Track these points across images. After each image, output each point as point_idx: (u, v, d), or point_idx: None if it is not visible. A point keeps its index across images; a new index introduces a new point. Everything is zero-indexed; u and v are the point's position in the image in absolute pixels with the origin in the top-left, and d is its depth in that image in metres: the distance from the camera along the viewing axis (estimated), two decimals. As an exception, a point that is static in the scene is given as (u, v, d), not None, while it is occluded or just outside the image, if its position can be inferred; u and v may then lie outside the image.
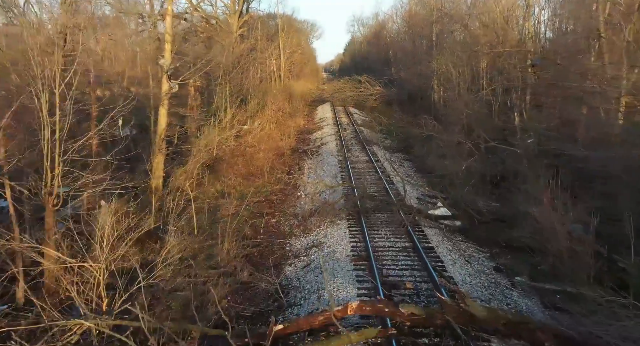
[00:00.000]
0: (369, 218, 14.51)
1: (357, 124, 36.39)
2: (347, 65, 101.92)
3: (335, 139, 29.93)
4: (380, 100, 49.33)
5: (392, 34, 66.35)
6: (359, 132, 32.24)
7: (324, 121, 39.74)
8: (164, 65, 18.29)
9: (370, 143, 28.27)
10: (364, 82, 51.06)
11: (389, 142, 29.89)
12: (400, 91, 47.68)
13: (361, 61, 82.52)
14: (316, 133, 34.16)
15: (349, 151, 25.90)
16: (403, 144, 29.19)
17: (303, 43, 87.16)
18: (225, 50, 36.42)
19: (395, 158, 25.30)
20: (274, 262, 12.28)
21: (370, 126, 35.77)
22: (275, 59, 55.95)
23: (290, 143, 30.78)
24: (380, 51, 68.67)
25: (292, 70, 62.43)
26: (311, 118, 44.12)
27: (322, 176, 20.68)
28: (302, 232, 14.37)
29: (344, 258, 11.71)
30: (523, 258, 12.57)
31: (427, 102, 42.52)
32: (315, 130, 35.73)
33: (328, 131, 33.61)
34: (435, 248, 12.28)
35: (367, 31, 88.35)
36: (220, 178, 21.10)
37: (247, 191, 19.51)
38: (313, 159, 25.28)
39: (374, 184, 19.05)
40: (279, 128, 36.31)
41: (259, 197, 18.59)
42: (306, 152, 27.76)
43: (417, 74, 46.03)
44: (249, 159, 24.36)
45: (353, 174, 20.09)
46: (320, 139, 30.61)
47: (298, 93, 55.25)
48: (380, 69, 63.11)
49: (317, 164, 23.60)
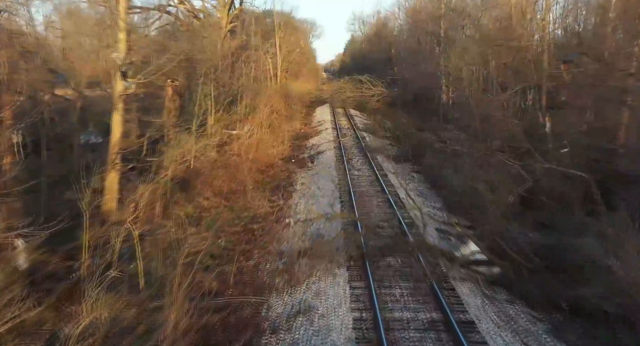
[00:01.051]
0: (377, 266, 10.56)
1: (358, 129, 32.46)
2: (348, 65, 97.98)
3: (334, 146, 26.00)
4: (382, 101, 45.40)
5: (395, 32, 62.40)
6: (360, 138, 28.31)
7: (322, 125, 35.82)
8: (117, 59, 14.38)
9: (374, 152, 24.34)
10: (365, 82, 47.13)
11: (394, 150, 25.94)
12: (405, 91, 43.75)
13: (362, 60, 78.56)
14: (313, 139, 30.23)
15: (350, 161, 21.98)
16: (411, 152, 25.26)
17: (302, 42, 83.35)
18: (211, 46, 32.59)
19: (403, 170, 21.37)
20: (243, 342, 8.35)
21: (373, 131, 31.83)
22: (272, 57, 52.08)
23: (283, 151, 26.86)
24: (382, 50, 64.72)
25: (289, 69, 58.48)
26: (309, 121, 40.21)
27: (317, 196, 16.77)
28: (287, 284, 10.44)
29: (343, 343, 7.79)
30: (601, 332, 8.66)
31: (434, 104, 38.61)
32: (312, 135, 31.80)
33: (326, 136, 29.68)
34: (477, 322, 8.34)
35: (367, 29, 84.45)
36: (195, 197, 17.20)
37: (224, 216, 15.63)
38: (308, 172, 21.35)
39: (381, 209, 15.15)
40: (272, 133, 32.39)
41: (237, 225, 14.66)
42: (300, 162, 23.85)
43: (422, 73, 42.13)
44: (233, 172, 20.44)
45: (355, 196, 16.16)
46: (318, 147, 26.68)
47: (296, 94, 51.35)
48: (382, 69, 59.15)
49: (312, 179, 19.68)
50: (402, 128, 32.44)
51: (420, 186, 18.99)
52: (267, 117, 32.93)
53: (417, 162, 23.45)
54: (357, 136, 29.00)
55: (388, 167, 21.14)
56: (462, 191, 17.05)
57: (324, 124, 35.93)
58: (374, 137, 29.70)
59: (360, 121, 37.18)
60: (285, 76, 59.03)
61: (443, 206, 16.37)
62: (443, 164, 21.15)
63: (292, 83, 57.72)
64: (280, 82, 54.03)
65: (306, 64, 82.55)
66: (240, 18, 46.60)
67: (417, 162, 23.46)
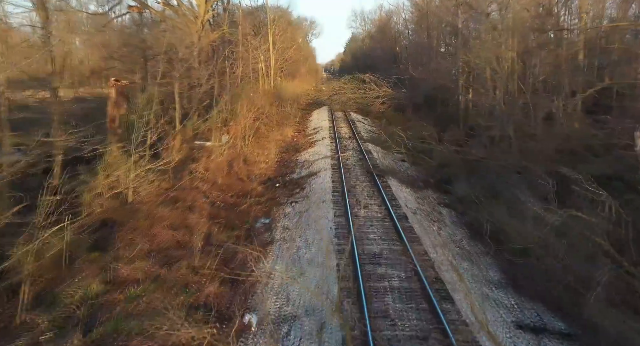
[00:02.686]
0: None
1: (361, 139, 26.07)
2: (349, 64, 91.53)
3: (332, 165, 19.61)
4: (389, 104, 38.99)
5: (400, 26, 55.89)
6: (365, 152, 21.91)
7: (318, 133, 29.45)
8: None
9: (384, 174, 17.94)
10: (368, 82, 40.71)
11: (411, 171, 19.58)
12: (414, 92, 37.30)
13: (364, 58, 72.09)
14: (307, 152, 23.85)
15: (353, 191, 15.58)
16: (433, 173, 18.89)
17: (301, 40, 76.81)
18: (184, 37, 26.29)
19: (427, 205, 15.01)
20: None
21: (380, 142, 25.42)
22: (265, 54, 45.73)
23: (266, 170, 20.49)
24: (386, 47, 58.25)
25: (285, 68, 52.03)
26: (303, 127, 33.84)
27: (303, 263, 10.37)
28: None
29: None
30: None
31: (451, 108, 32.20)
32: (305, 147, 25.40)
33: (323, 149, 23.28)
34: None
35: (369, 26, 77.90)
36: (111, 259, 10.83)
37: (150, 302, 9.29)
38: (294, 206, 14.98)
39: (407, 294, 8.81)
40: (257, 144, 26.06)
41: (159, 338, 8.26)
42: (287, 188, 17.48)
43: (435, 71, 35.73)
44: (186, 209, 14.08)
45: (362, 269, 9.76)
46: (311, 165, 20.29)
47: (291, 95, 45.05)
48: (387, 67, 52.63)
49: (298, 222, 13.31)
50: (416, 138, 26.07)
51: (458, 234, 12.61)
52: (252, 124, 26.62)
53: (444, 189, 17.07)
54: (360, 150, 22.60)
55: (406, 200, 14.76)
56: (529, 250, 10.68)
57: (321, 131, 29.54)
58: (382, 151, 23.28)
59: (363, 128, 30.77)
60: (280, 75, 52.69)
61: (508, 282, 9.97)
62: (484, 195, 14.79)
63: (287, 83, 51.40)
64: (274, 82, 47.71)
65: (304, 63, 76.11)
66: (228, 10, 40.36)
67: (443, 189, 17.08)
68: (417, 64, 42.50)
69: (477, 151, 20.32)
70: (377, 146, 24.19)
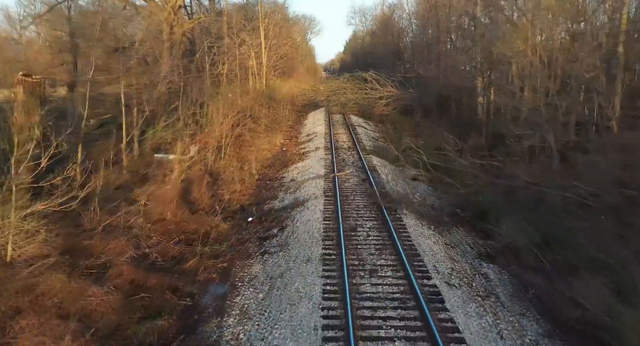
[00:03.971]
0: None
1: (364, 150, 20.88)
2: (349, 63, 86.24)
3: (325, 189, 14.44)
4: (393, 106, 33.79)
5: (404, 22, 50.59)
6: (368, 169, 16.74)
7: (312, 140, 24.32)
8: None
9: (396, 204, 12.76)
10: (370, 81, 35.55)
11: (431, 198, 14.38)
12: (423, 93, 32.09)
13: (365, 57, 66.87)
14: (295, 167, 18.70)
15: (352, 239, 10.41)
16: (461, 201, 13.65)
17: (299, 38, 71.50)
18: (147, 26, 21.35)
19: (463, 261, 9.84)
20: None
21: (387, 153, 20.25)
22: (256, 50, 40.60)
23: (238, 196, 15.27)
24: (389, 43, 53.00)
25: (278, 66, 46.74)
26: (296, 132, 28.73)
27: None
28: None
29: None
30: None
31: (469, 112, 27.01)
32: (294, 160, 20.23)
33: (315, 165, 18.13)
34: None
35: (370, 22, 72.62)
36: None
37: None
38: (266, 261, 9.80)
39: None
40: (237, 155, 20.96)
41: None
42: (258, 224, 12.36)
43: (449, 68, 30.56)
44: (93, 275, 8.99)
45: None
46: (297, 189, 15.09)
47: (285, 96, 39.93)
48: (390, 65, 47.50)
49: (264, 301, 8.12)
50: (431, 148, 20.91)
51: (529, 331, 7.43)
52: (230, 131, 21.47)
53: (482, 229, 11.88)
54: (363, 165, 17.43)
55: (434, 255, 9.61)
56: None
57: (316, 139, 24.40)
58: (390, 166, 18.11)
59: (365, 135, 25.62)
60: (274, 74, 47.51)
61: None
62: (546, 245, 9.68)
63: (282, 83, 46.22)
64: (267, 81, 42.55)
65: (303, 62, 70.86)
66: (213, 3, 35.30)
67: (481, 228, 11.90)
68: (425, 62, 37.32)
69: (513, 168, 15.14)
70: (383, 160, 19.04)
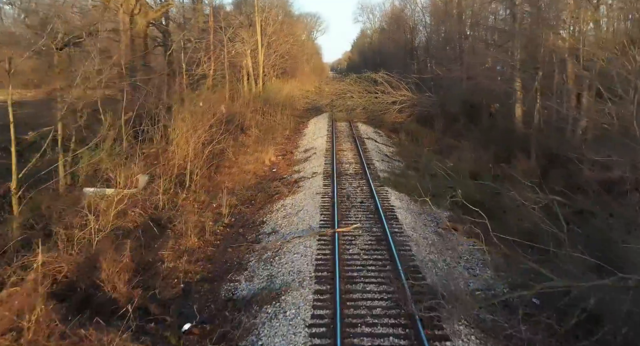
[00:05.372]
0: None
1: (376, 177, 15.42)
2: (356, 62, 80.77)
3: (317, 260, 9.05)
4: (409, 112, 28.32)
5: (418, 15, 44.90)
6: (386, 217, 11.32)
7: (310, 159, 18.96)
8: None
9: (436, 300, 7.34)
10: (381, 83, 30.11)
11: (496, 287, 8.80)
12: (445, 98, 26.59)
13: (373, 55, 61.44)
14: (281, 206, 13.26)
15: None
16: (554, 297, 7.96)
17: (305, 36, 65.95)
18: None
19: None
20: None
21: (407, 182, 14.80)
22: (252, 49, 35.36)
23: (191, 262, 9.92)
24: (400, 40, 47.46)
25: (276, 65, 41.23)
26: (292, 145, 23.38)
27: None
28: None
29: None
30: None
31: (509, 124, 21.35)
32: (282, 194, 14.62)
33: (308, 203, 12.70)
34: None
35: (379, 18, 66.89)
36: None
37: None
38: None
39: None
40: (209, 182, 15.69)
41: None
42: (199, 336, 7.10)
43: (474, 69, 25.02)
44: None
45: None
46: (276, 256, 9.69)
47: (285, 99, 34.64)
48: (402, 64, 42.00)
49: None
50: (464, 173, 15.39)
51: None
52: (200, 151, 16.13)
53: None
54: (376, 208, 11.98)
55: None
56: None
57: (314, 157, 19.03)
58: (416, 209, 12.64)
59: (377, 152, 20.15)
60: (274, 75, 42.14)
61: None
62: None
63: (283, 84, 40.88)
64: (264, 82, 37.24)
65: (309, 61, 65.19)
66: None
67: None
68: (444, 60, 31.80)
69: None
70: (403, 195, 13.61)
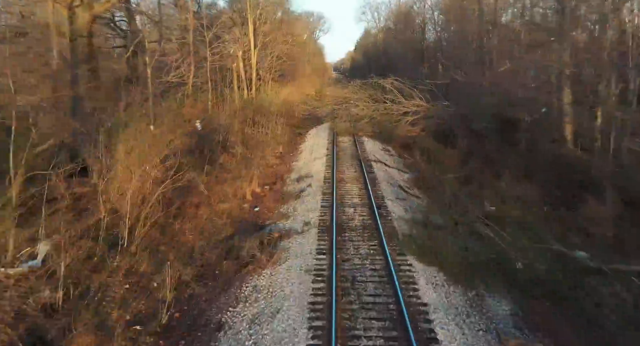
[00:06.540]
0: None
1: (393, 232, 10.95)
2: (360, 63, 76.05)
3: None
4: (423, 125, 23.84)
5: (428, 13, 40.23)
6: (410, 315, 6.92)
7: (302, 195, 14.46)
8: None
9: None
10: (390, 90, 25.62)
11: None
12: (468, 109, 22.02)
13: (378, 56, 56.69)
14: (253, 289, 8.80)
15: None
16: None
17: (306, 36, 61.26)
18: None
19: None
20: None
21: (439, 247, 10.33)
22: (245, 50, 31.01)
23: None
24: (409, 40, 42.86)
25: (275, 68, 36.68)
26: (283, 169, 18.92)
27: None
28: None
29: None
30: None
31: (559, 147, 16.78)
32: (261, 264, 10.11)
33: (295, 287, 8.24)
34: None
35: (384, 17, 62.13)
36: None
37: None
38: None
39: None
40: (157, 242, 11.20)
41: None
42: None
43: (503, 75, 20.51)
44: None
45: None
46: None
47: (281, 106, 30.27)
48: (410, 68, 37.30)
49: None
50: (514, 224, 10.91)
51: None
52: (149, 192, 11.66)
53: None
54: (399, 308, 7.64)
55: None
56: None
57: (309, 192, 14.55)
58: (460, 299, 8.16)
59: (391, 184, 15.61)
60: (272, 78, 37.56)
61: None
62: None
63: (281, 88, 36.45)
64: (257, 88, 32.79)
65: (311, 62, 60.42)
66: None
67: None
68: (463, 64, 27.25)
69: None
70: (437, 272, 9.09)
